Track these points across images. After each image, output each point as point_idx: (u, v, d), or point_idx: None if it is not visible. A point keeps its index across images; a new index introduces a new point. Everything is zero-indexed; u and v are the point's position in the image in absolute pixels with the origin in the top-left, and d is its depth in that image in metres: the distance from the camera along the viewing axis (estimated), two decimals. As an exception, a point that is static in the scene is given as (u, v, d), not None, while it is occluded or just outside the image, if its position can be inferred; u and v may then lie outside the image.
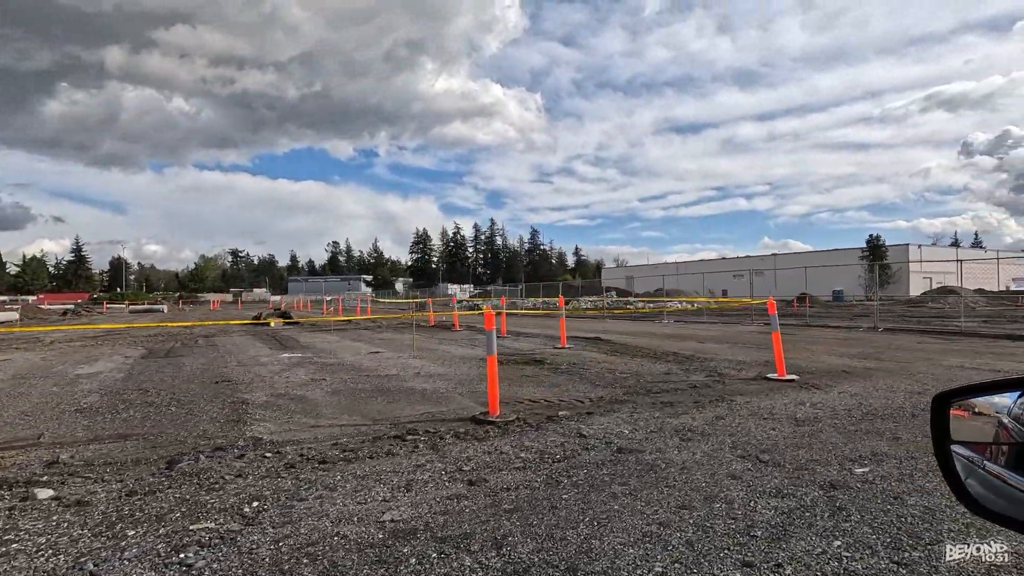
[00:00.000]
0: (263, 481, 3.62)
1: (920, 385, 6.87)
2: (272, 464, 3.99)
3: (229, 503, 3.23)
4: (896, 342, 12.21)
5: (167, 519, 3.00)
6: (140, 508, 3.17)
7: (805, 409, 5.57)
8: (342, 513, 3.07)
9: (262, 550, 2.61)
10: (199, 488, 3.50)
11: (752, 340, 13.40)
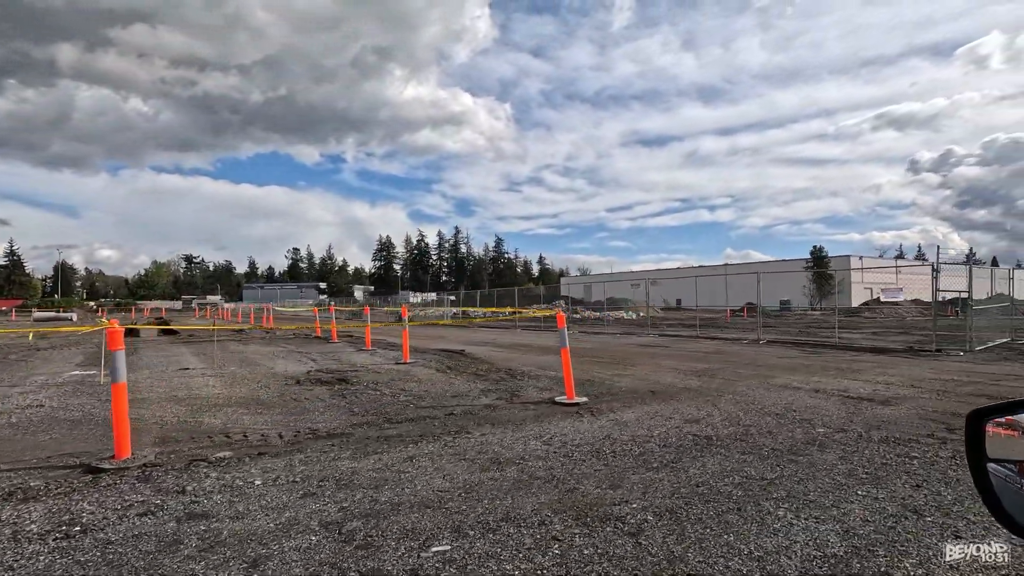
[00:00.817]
0: None
1: (712, 409, 6.11)
2: None
3: None
4: (760, 357, 11.61)
5: None
6: None
7: (539, 445, 4.70)
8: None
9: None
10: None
11: (616, 352, 12.66)
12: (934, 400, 6.59)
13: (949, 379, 8.22)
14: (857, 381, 8.11)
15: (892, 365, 9.97)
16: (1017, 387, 7.45)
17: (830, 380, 8.22)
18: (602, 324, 31.37)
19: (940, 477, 3.75)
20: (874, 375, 8.71)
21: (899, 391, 7.24)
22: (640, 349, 13.91)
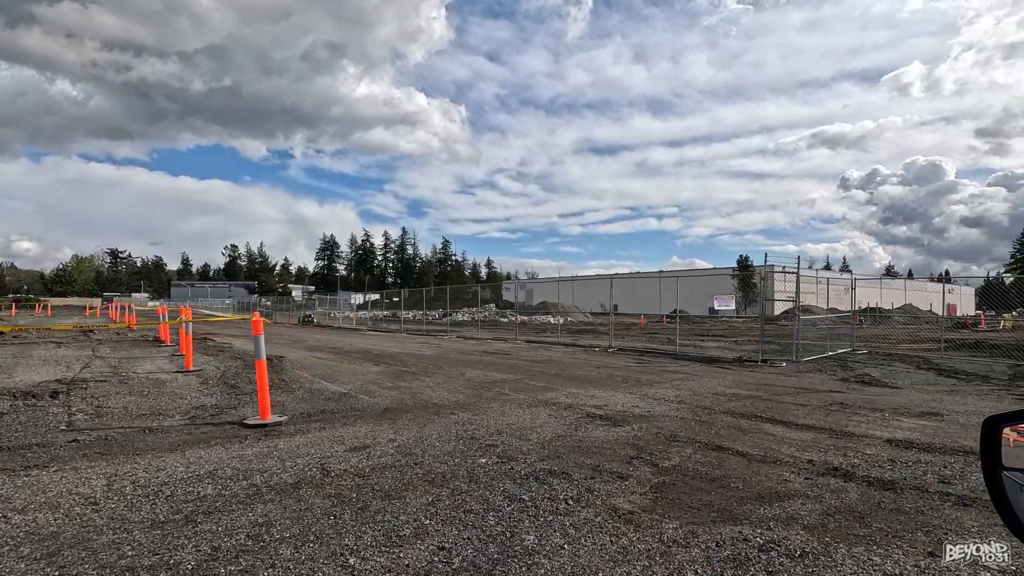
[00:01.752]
0: None
1: (417, 431, 5.36)
2: None
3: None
4: (581, 365, 11.14)
5: None
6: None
7: (94, 489, 3.78)
8: None
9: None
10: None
11: (439, 361, 11.92)
12: (678, 420, 6.07)
13: (732, 392, 7.82)
14: (635, 395, 7.59)
15: (701, 375, 9.61)
16: (788, 401, 7.08)
17: (608, 393, 7.67)
18: (507, 328, 30.76)
19: (530, 524, 3.05)
20: (666, 388, 8.25)
21: (661, 407, 6.72)
22: (477, 357, 13.21)
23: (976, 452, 4.80)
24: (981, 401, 7.33)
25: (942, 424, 5.97)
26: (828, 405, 6.99)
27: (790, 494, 3.78)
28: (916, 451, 4.87)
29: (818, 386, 8.60)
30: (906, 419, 6.19)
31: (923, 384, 8.78)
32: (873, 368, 10.56)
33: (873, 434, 5.47)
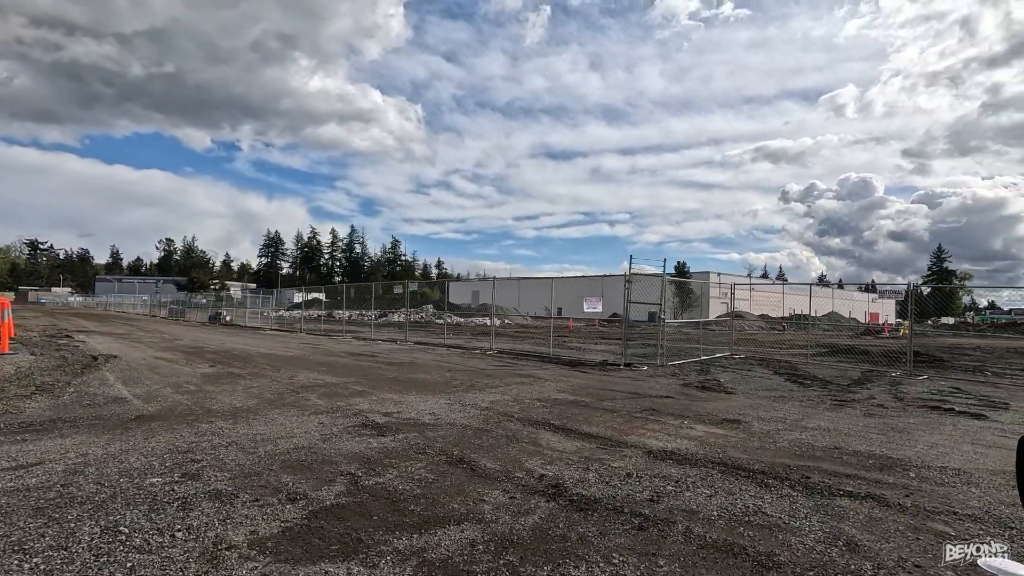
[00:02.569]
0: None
1: (101, 447, 4.63)
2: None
3: None
4: (430, 368, 10.61)
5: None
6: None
7: None
8: None
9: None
10: None
11: (325, 359, 11.17)
12: (459, 429, 5.59)
13: (557, 397, 7.44)
14: (449, 401, 7.09)
15: (547, 379, 9.25)
16: (603, 406, 6.74)
17: (420, 399, 7.15)
18: (436, 330, 29.99)
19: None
20: (493, 392, 7.80)
21: (460, 414, 6.24)
22: (338, 359, 12.49)
23: (721, 461, 4.52)
24: (797, 408, 7.20)
25: (732, 432, 5.72)
26: (637, 411, 6.68)
27: (463, 517, 3.32)
28: (668, 463, 4.54)
29: (652, 391, 8.35)
30: (701, 427, 5.93)
31: (760, 390, 8.68)
32: (728, 373, 10.49)
33: (644, 443, 5.14)
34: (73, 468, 4.08)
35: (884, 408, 7.32)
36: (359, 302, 46.23)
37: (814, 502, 3.72)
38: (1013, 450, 5.37)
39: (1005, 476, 4.44)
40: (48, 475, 3.92)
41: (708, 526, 3.28)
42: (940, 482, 4.24)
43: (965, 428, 6.23)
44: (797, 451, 5.04)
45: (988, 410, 7.41)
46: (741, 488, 3.96)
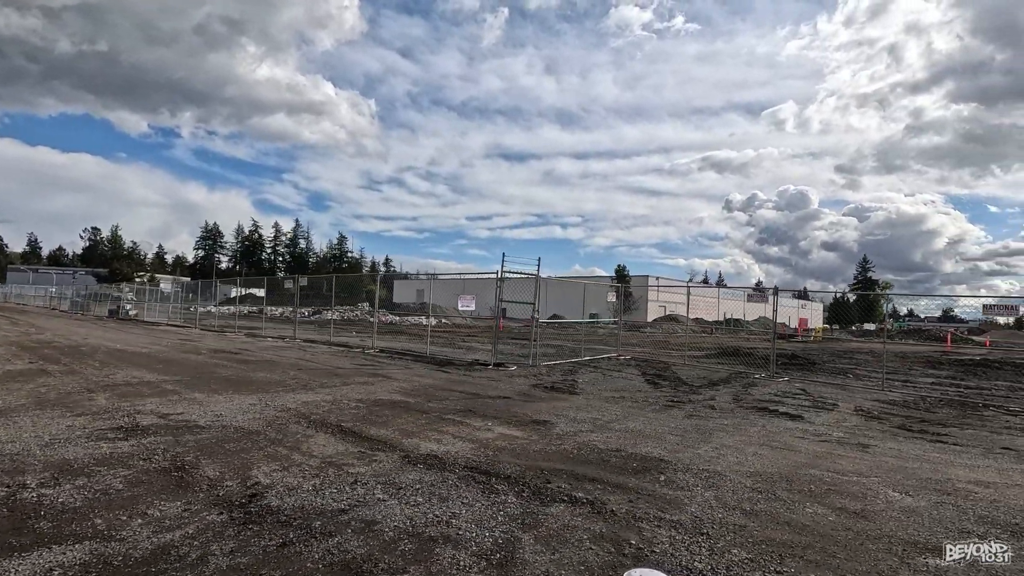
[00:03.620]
0: None
1: None
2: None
3: None
4: (285, 369, 10.08)
5: None
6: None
7: None
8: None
9: None
10: None
11: (179, 356, 10.39)
12: (219, 431, 5.12)
13: (387, 399, 7.08)
14: (255, 401, 6.60)
15: (398, 379, 8.89)
16: (429, 406, 6.43)
17: (221, 400, 6.64)
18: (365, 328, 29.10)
19: None
20: (319, 392, 7.37)
21: (242, 417, 5.76)
22: (198, 356, 11.76)
23: (477, 466, 4.27)
24: (625, 409, 7.13)
25: (527, 435, 5.52)
26: (453, 412, 6.41)
27: (95, 535, 2.89)
28: (417, 469, 4.25)
29: (495, 391, 8.12)
30: (502, 428, 5.70)
31: (609, 391, 8.60)
32: (593, 374, 10.44)
33: (417, 447, 4.85)
34: None
35: (713, 410, 7.34)
36: (294, 299, 44.41)
37: (522, 509, 3.50)
38: (798, 451, 5.41)
39: (759, 478, 4.38)
40: None
41: (366, 540, 2.98)
42: (682, 486, 4.12)
43: (772, 429, 6.27)
44: (575, 454, 4.86)
45: (813, 411, 7.56)
46: (461, 495, 3.71)
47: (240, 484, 3.78)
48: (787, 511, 3.71)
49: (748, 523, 3.46)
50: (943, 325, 68.18)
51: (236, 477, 3.91)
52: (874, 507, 3.86)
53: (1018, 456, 5.62)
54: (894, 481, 4.51)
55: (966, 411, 8.27)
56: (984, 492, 4.34)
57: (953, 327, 68.41)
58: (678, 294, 66.73)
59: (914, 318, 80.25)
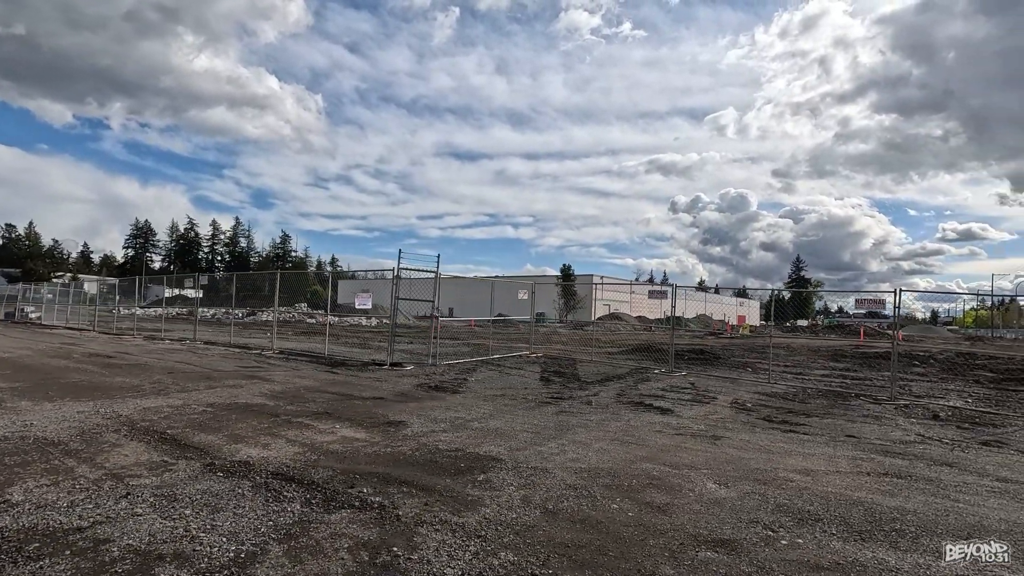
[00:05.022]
0: None
1: None
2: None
3: None
4: (142, 372, 9.47)
5: None
6: None
7: None
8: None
9: None
10: None
11: (33, 361, 9.52)
12: None
13: (238, 402, 6.66)
14: (91, 406, 6.06)
15: (271, 380, 8.46)
16: (270, 408, 6.07)
17: (48, 408, 6.07)
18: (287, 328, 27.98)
19: None
20: (178, 397, 6.87)
21: (45, 426, 5.25)
22: (53, 361, 10.91)
23: (285, 473, 3.98)
24: (496, 407, 7.00)
25: (371, 436, 5.26)
26: (306, 414, 6.08)
27: None
28: (215, 478, 3.92)
29: (375, 392, 7.84)
30: (348, 431, 5.43)
31: (495, 388, 8.48)
32: (490, 372, 10.32)
33: (237, 452, 4.51)
34: None
35: (589, 405, 7.31)
36: (235, 300, 42.29)
37: (298, 517, 3.24)
38: (646, 445, 5.39)
39: (585, 475, 4.29)
40: None
41: (78, 563, 2.64)
42: (496, 485, 3.97)
43: (635, 424, 6.27)
44: (407, 456, 4.65)
45: (688, 405, 7.66)
46: (238, 505, 3.41)
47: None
48: (590, 508, 3.62)
49: (540, 523, 3.34)
50: (867, 321, 72.69)
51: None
52: (682, 500, 3.84)
53: (856, 443, 5.83)
54: (721, 473, 4.53)
55: (836, 401, 8.62)
56: (801, 480, 4.42)
57: (877, 322, 73.04)
58: (622, 292, 68.13)
59: (843, 314, 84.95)
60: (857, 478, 4.58)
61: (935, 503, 4.01)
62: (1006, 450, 5.97)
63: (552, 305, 61.60)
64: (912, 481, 4.55)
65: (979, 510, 3.91)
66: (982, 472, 4.93)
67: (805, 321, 75.97)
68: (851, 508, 3.80)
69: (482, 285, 49.98)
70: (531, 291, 14.58)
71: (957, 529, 3.51)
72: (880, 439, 6.09)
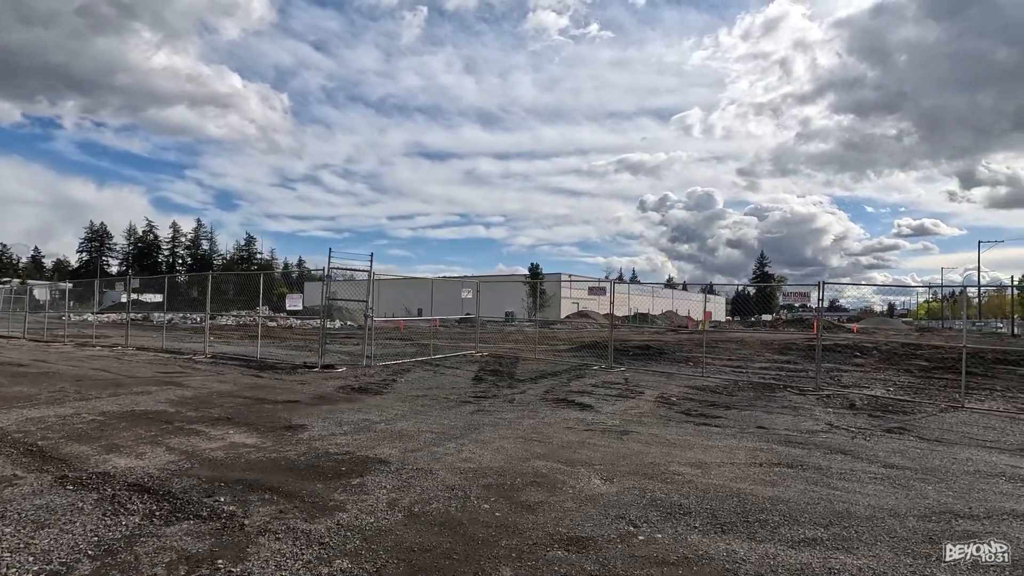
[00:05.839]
0: None
1: None
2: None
3: None
4: (45, 380, 9.02)
5: None
6: None
7: None
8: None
9: None
10: None
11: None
12: None
13: (137, 409, 6.35)
14: (-26, 421, 5.68)
15: (191, 386, 8.13)
16: (165, 413, 5.79)
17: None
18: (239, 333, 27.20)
19: None
20: (72, 405, 6.51)
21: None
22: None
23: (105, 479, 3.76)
24: (413, 407, 6.85)
25: (259, 441, 5.05)
26: (203, 420, 5.83)
27: None
28: (13, 486, 3.67)
29: (294, 395, 7.60)
30: (241, 436, 5.21)
31: (423, 389, 8.33)
32: (424, 373, 10.15)
33: (87, 461, 4.24)
34: None
35: (511, 404, 7.23)
36: (196, 304, 40.67)
37: (130, 532, 3.03)
38: (549, 443, 5.31)
39: (470, 475, 4.18)
40: None
41: None
42: (369, 489, 3.83)
43: (549, 421, 6.20)
44: (291, 461, 4.46)
45: (613, 400, 7.64)
46: (71, 519, 3.18)
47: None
48: (458, 509, 3.51)
49: (396, 527, 3.21)
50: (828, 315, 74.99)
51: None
52: (558, 498, 3.76)
53: (763, 435, 5.88)
54: (613, 468, 4.48)
55: (763, 393, 8.74)
56: (690, 473, 4.40)
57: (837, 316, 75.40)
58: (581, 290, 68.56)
59: (806, 309, 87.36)
60: (747, 469, 4.59)
61: (812, 491, 4.04)
62: (906, 436, 6.12)
63: (521, 304, 61.69)
64: (800, 470, 4.59)
65: (852, 497, 3.95)
66: (873, 459, 5.01)
67: (769, 315, 77.77)
68: (725, 500, 3.78)
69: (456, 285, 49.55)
70: (475, 290, 14.44)
71: (821, 517, 3.53)
72: (788, 429, 6.16)
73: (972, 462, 5.02)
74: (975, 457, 5.23)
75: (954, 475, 4.58)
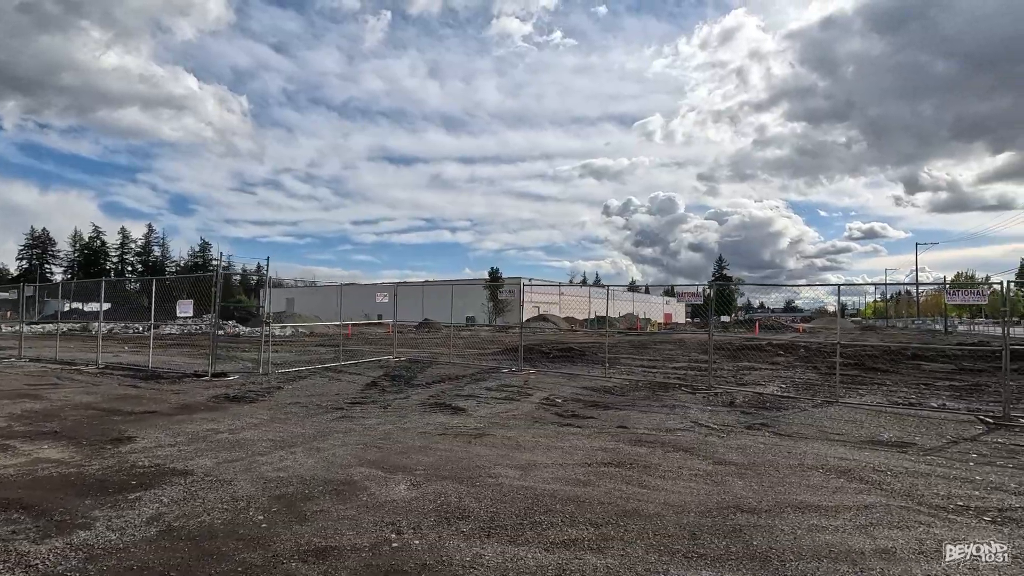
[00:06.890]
0: None
1: None
2: None
3: None
4: None
5: None
6: None
7: None
8: None
9: None
10: None
11: None
12: None
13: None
14: None
15: (51, 399, 7.69)
16: (9, 436, 5.42)
17: None
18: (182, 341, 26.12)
19: None
20: None
21: None
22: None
23: None
24: (278, 417, 6.61)
25: (66, 457, 4.74)
26: (27, 436, 5.46)
27: None
28: None
29: (156, 405, 7.27)
30: (55, 450, 4.89)
31: (304, 396, 8.11)
32: (318, 380, 9.90)
33: None
34: None
35: (384, 409, 7.07)
36: (146, 313, 38.85)
37: None
38: (386, 449, 5.15)
39: (275, 484, 3.99)
40: None
41: None
42: (142, 502, 3.59)
43: (406, 426, 6.06)
44: (85, 476, 4.18)
45: (494, 403, 7.56)
46: None
47: None
48: (225, 523, 3.31)
49: (138, 544, 3.00)
50: (782, 315, 77.35)
51: None
52: (345, 507, 3.60)
53: (619, 434, 5.87)
54: (434, 473, 4.36)
55: (656, 392, 8.82)
56: (510, 476, 4.31)
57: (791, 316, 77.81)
58: (552, 295, 69.09)
59: (764, 310, 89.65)
60: (573, 470, 4.54)
61: (617, 491, 4.00)
62: (762, 432, 6.22)
63: (481, 308, 61.44)
64: (626, 469, 4.56)
65: (654, 495, 3.93)
66: (709, 456, 5.04)
67: (728, 317, 79.48)
68: (520, 502, 3.70)
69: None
70: (393, 293, 14.20)
71: (602, 517, 3.48)
72: (648, 428, 6.18)
73: (805, 456, 5.10)
74: (812, 451, 5.33)
75: (776, 469, 4.63)
